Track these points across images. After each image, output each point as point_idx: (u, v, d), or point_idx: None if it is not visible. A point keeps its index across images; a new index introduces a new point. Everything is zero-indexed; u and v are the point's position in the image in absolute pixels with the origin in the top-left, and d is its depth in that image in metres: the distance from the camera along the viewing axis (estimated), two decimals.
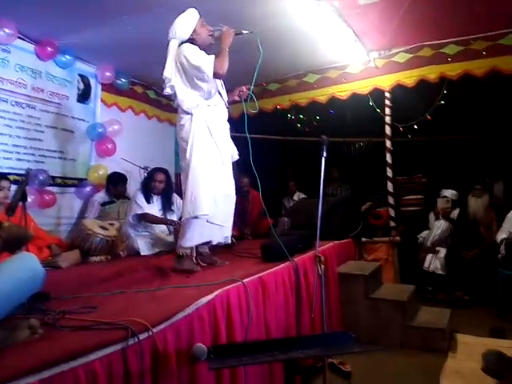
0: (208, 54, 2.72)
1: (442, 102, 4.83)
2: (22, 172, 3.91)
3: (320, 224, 2.75)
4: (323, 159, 2.51)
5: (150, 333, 1.54)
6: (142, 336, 1.51)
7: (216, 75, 2.68)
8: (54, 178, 4.23)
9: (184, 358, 1.68)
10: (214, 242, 2.95)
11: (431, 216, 5.12)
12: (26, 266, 1.45)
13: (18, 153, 3.93)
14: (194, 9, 2.78)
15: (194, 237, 2.73)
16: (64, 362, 1.26)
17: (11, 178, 3.61)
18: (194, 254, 2.83)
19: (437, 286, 4.68)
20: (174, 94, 2.74)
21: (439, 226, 4.83)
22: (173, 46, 2.74)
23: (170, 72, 2.70)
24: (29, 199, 3.75)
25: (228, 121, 3.03)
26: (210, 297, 1.93)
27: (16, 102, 3.92)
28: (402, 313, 3.31)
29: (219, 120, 2.86)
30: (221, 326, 1.95)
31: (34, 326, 1.43)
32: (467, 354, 2.97)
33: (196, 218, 2.65)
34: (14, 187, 3.71)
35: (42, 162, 4.14)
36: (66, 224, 4.35)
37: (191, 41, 2.74)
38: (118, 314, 1.67)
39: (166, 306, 1.80)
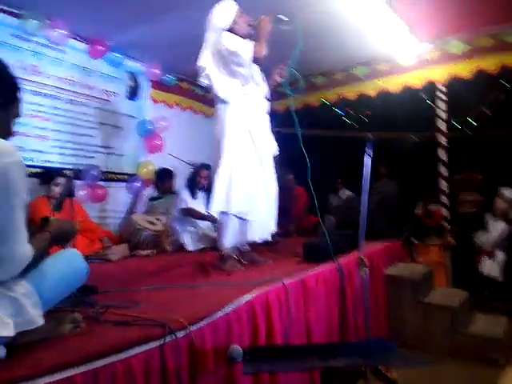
0: None
1: (503, 96, 4.50)
2: (75, 167, 4.10)
3: (366, 224, 2.65)
4: (369, 159, 2.37)
5: (188, 331, 1.54)
6: (180, 334, 1.51)
7: (255, 59, 2.65)
8: (105, 173, 4.39)
9: (221, 357, 1.66)
10: (258, 240, 2.92)
11: (488, 216, 4.80)
12: (70, 262, 1.49)
13: (72, 149, 4.11)
14: (231, 0, 2.75)
15: (232, 236, 2.71)
16: (102, 357, 1.27)
17: (65, 173, 3.78)
18: (236, 253, 2.81)
19: (494, 293, 4.40)
20: (210, 82, 2.71)
21: (497, 228, 4.53)
22: (210, 36, 2.72)
23: (205, 61, 2.69)
24: (81, 193, 3.96)
25: (272, 115, 2.97)
26: (249, 297, 1.90)
27: (70, 99, 4.10)
28: (452, 319, 3.13)
29: (256, 111, 2.80)
30: (260, 327, 1.91)
31: (77, 319, 1.47)
32: None
33: (226, 214, 2.61)
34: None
35: (93, 157, 4.31)
36: (116, 218, 4.50)
37: (230, 31, 2.70)
38: (159, 310, 1.69)
39: (205, 305, 1.79)
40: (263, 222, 2.82)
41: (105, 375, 1.26)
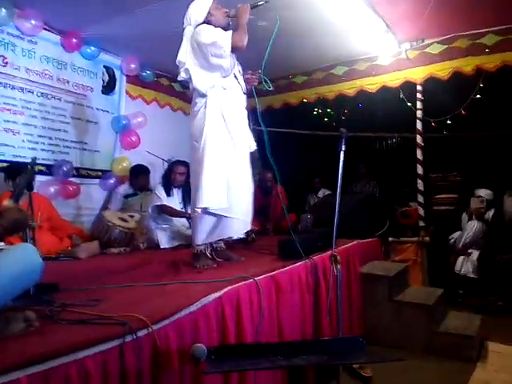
0: None
1: (478, 96, 4.54)
2: (48, 163, 3.98)
3: (341, 221, 2.62)
4: (342, 154, 2.36)
5: (150, 330, 1.47)
6: (141, 333, 1.44)
7: (235, 48, 2.57)
8: (78, 169, 4.27)
9: (187, 357, 1.59)
10: (234, 237, 2.86)
11: (464, 216, 4.85)
12: (24, 258, 1.40)
13: (43, 143, 3.99)
14: None
15: (207, 233, 2.65)
16: (54, 358, 1.20)
17: (36, 168, 3.65)
18: (209, 250, 2.75)
19: (468, 290, 4.45)
20: (189, 77, 2.65)
21: (472, 227, 4.58)
22: (188, 31, 2.67)
23: (184, 56, 2.62)
24: (52, 189, 3.84)
25: (250, 113, 2.92)
26: (217, 294, 1.84)
27: (42, 92, 3.96)
28: (427, 317, 3.13)
29: (235, 106, 2.74)
30: (229, 326, 1.86)
31: (30, 318, 1.39)
32: (498, 365, 2.78)
33: (206, 210, 2.56)
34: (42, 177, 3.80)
35: (67, 153, 4.19)
36: (89, 215, 4.38)
37: (207, 23, 2.65)
38: (121, 309, 1.61)
39: (170, 303, 1.73)
40: (241, 219, 2.77)
41: (56, 377, 1.19)
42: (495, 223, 4.48)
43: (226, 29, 2.68)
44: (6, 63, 3.67)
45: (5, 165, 3.57)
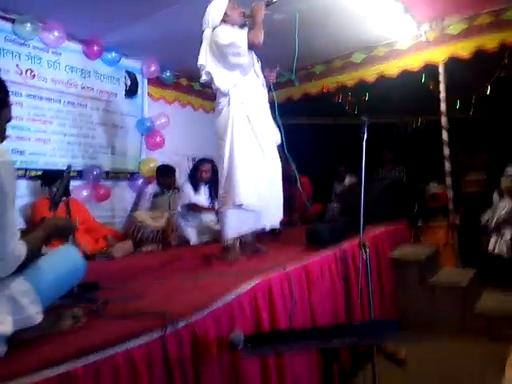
0: None
1: (503, 74, 4.42)
2: (79, 168, 4.13)
3: (370, 208, 2.64)
4: (364, 141, 2.37)
5: (189, 320, 1.55)
6: (181, 324, 1.52)
7: (252, 46, 2.64)
8: (107, 172, 4.41)
9: (225, 345, 1.67)
10: (268, 228, 2.91)
11: (495, 196, 4.74)
12: (68, 259, 1.50)
13: (73, 150, 4.14)
14: None
15: (235, 227, 2.71)
16: (103, 350, 1.29)
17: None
18: (238, 243, 2.81)
19: (503, 271, 4.37)
20: (211, 79, 2.72)
21: (504, 207, 4.48)
22: (207, 34, 2.74)
23: (205, 59, 2.70)
24: (84, 193, 3.99)
25: (271, 106, 2.96)
26: (250, 285, 1.91)
27: (68, 101, 4.11)
28: (461, 298, 3.12)
29: (257, 102, 2.80)
30: (263, 314, 1.92)
31: (77, 314, 1.49)
32: None
33: (235, 206, 2.62)
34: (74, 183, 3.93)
35: (95, 158, 4.33)
36: (121, 216, 4.53)
37: (223, 24, 2.71)
38: (160, 303, 1.70)
39: (206, 294, 1.80)
40: (271, 211, 2.83)
41: (106, 367, 1.28)
42: None
43: (242, 28, 2.73)
44: (34, 76, 3.82)
45: (39, 173, 3.73)
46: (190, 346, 1.56)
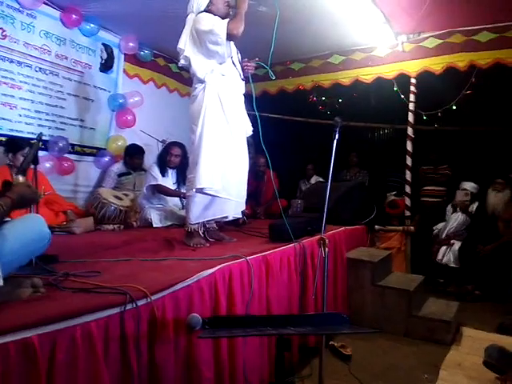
0: None
1: (470, 92, 4.65)
2: (44, 138, 3.99)
3: (330, 208, 2.72)
4: (335, 142, 2.46)
5: (149, 300, 1.57)
6: (141, 302, 1.55)
7: (230, 36, 2.65)
8: (73, 145, 4.30)
9: (182, 327, 1.71)
10: (229, 217, 2.96)
11: (449, 208, 5.02)
12: (33, 228, 1.49)
13: (40, 119, 4.00)
14: None
15: (200, 212, 2.74)
16: (61, 321, 1.30)
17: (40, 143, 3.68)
18: (202, 230, 2.84)
19: (448, 279, 4.64)
20: (189, 64, 2.73)
21: (456, 219, 4.75)
22: (189, 18, 2.75)
23: (184, 43, 2.70)
24: (47, 165, 3.88)
25: (246, 98, 2.99)
26: (211, 270, 1.95)
27: (40, 68, 3.96)
28: (407, 302, 3.29)
29: (232, 91, 2.83)
30: (221, 300, 1.97)
31: (37, 284, 1.49)
32: (471, 348, 2.95)
33: (201, 191, 2.65)
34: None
35: (63, 129, 4.21)
36: (83, 192, 4.43)
37: (208, 11, 2.72)
38: (120, 280, 1.71)
39: (167, 276, 1.83)
40: (235, 200, 2.87)
41: (63, 339, 1.29)
42: (478, 216, 4.65)
43: (225, 17, 2.74)
44: (5, 36, 3.66)
45: (2, 138, 3.60)
46: (147, 324, 1.58)
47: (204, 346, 1.81)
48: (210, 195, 2.72)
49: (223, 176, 2.73)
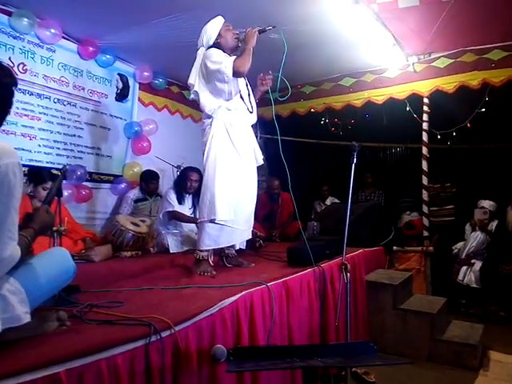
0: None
1: (483, 110, 4.64)
2: (61, 166, 4.07)
3: (348, 230, 2.71)
4: (353, 166, 2.46)
5: (172, 331, 1.57)
6: (165, 334, 1.54)
7: (236, 74, 2.67)
8: (90, 173, 4.37)
9: (205, 357, 1.69)
10: (237, 247, 2.97)
11: (467, 227, 4.93)
12: (59, 261, 1.51)
13: (58, 148, 4.08)
14: (219, 16, 2.84)
15: (209, 240, 2.74)
16: (88, 355, 1.29)
17: (55, 172, 3.74)
18: (212, 258, 2.83)
19: (470, 300, 4.52)
20: (198, 99, 2.79)
21: (475, 238, 4.66)
22: (200, 53, 2.81)
23: (194, 78, 2.76)
24: (65, 193, 3.93)
25: (260, 123, 3.03)
26: (233, 298, 1.94)
27: (58, 99, 4.07)
28: (430, 325, 3.21)
29: (240, 124, 2.86)
30: (243, 328, 1.95)
31: (62, 318, 1.49)
32: (500, 374, 2.86)
33: (212, 222, 2.67)
34: None
35: (80, 158, 4.28)
36: (100, 219, 4.48)
37: (217, 45, 2.78)
38: (143, 310, 1.71)
39: (190, 305, 1.82)
40: (242, 228, 2.89)
41: (89, 373, 1.29)
42: (498, 234, 4.56)
43: (234, 50, 2.82)
44: (26, 70, 3.78)
45: (24, 169, 3.67)
46: (171, 356, 1.57)
47: (227, 376, 1.78)
48: (221, 225, 2.73)
49: (232, 206, 2.75)
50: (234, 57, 2.72)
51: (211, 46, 2.79)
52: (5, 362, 1.18)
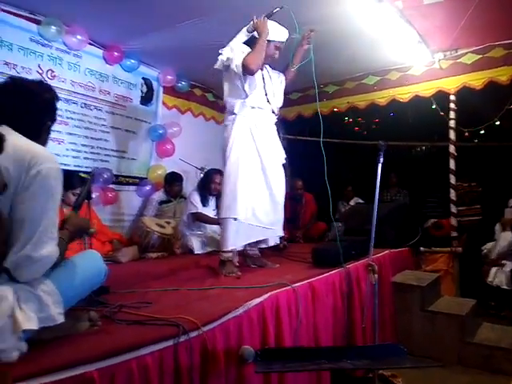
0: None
1: None
2: (89, 170, 4.17)
3: (375, 231, 2.67)
4: (379, 166, 2.42)
5: (200, 331, 1.58)
6: (193, 334, 1.55)
7: (246, 70, 2.59)
8: (116, 176, 4.45)
9: (232, 358, 1.70)
10: (265, 246, 2.96)
11: (497, 227, 4.78)
12: (91, 263, 1.56)
13: (85, 152, 4.17)
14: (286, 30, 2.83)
15: (231, 240, 2.74)
16: (119, 355, 1.32)
17: (84, 175, 3.83)
18: (236, 258, 2.84)
19: (501, 302, 4.39)
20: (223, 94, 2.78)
21: (506, 238, 4.52)
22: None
23: (230, 50, 2.69)
24: (93, 196, 4.01)
25: (282, 122, 3.02)
26: (259, 299, 1.94)
27: (85, 104, 4.17)
28: (460, 328, 3.13)
29: (263, 124, 2.86)
30: (270, 329, 1.95)
31: (94, 318, 1.53)
32: None
33: (231, 219, 2.67)
34: None
35: (107, 161, 4.37)
36: (126, 220, 4.55)
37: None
38: (171, 311, 1.73)
39: (217, 306, 1.84)
40: (269, 228, 2.88)
41: (120, 372, 1.31)
42: None
43: (269, 60, 2.83)
44: (54, 76, 3.88)
45: None
46: (199, 356, 1.59)
47: (254, 377, 1.78)
48: (242, 222, 2.73)
49: (255, 205, 2.76)
50: (247, 51, 2.63)
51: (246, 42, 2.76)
52: (40, 360, 1.21)
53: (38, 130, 1.45)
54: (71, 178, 3.50)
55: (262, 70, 2.86)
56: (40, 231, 1.23)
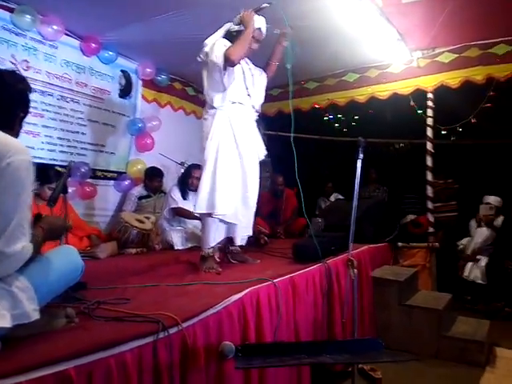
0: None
1: (488, 105, 4.60)
2: (65, 164, 4.07)
3: (354, 226, 2.69)
4: (359, 162, 2.44)
5: (180, 327, 1.56)
6: (172, 330, 1.53)
7: (228, 62, 2.56)
8: (94, 170, 4.36)
9: (213, 354, 1.69)
10: (238, 243, 2.94)
11: (472, 223, 4.90)
12: (67, 259, 1.51)
13: (62, 145, 4.07)
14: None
15: (213, 237, 2.73)
16: (97, 352, 1.29)
17: (59, 169, 3.73)
18: (217, 254, 2.82)
19: (476, 296, 4.51)
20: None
21: (481, 234, 4.64)
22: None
23: (212, 43, 2.67)
24: (70, 190, 3.92)
25: (263, 118, 3.00)
26: (239, 295, 1.93)
27: (61, 96, 4.05)
28: (436, 322, 3.20)
29: (243, 119, 2.84)
30: (250, 325, 1.95)
31: (71, 315, 1.49)
32: (507, 370, 2.84)
33: (209, 215, 2.65)
34: None
35: (84, 155, 4.27)
36: (104, 216, 4.46)
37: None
38: (150, 307, 1.70)
39: (196, 302, 1.82)
40: (243, 226, 2.86)
41: (99, 370, 1.28)
42: (504, 230, 4.53)
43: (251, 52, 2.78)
44: (29, 67, 3.76)
45: None
46: (179, 352, 1.57)
47: (235, 373, 1.77)
48: (220, 220, 2.72)
49: (233, 202, 2.72)
50: (225, 48, 2.60)
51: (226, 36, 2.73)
52: (14, 359, 1.17)
53: (10, 122, 1.39)
54: (47, 172, 3.41)
55: (241, 64, 2.83)
56: (13, 226, 1.19)
